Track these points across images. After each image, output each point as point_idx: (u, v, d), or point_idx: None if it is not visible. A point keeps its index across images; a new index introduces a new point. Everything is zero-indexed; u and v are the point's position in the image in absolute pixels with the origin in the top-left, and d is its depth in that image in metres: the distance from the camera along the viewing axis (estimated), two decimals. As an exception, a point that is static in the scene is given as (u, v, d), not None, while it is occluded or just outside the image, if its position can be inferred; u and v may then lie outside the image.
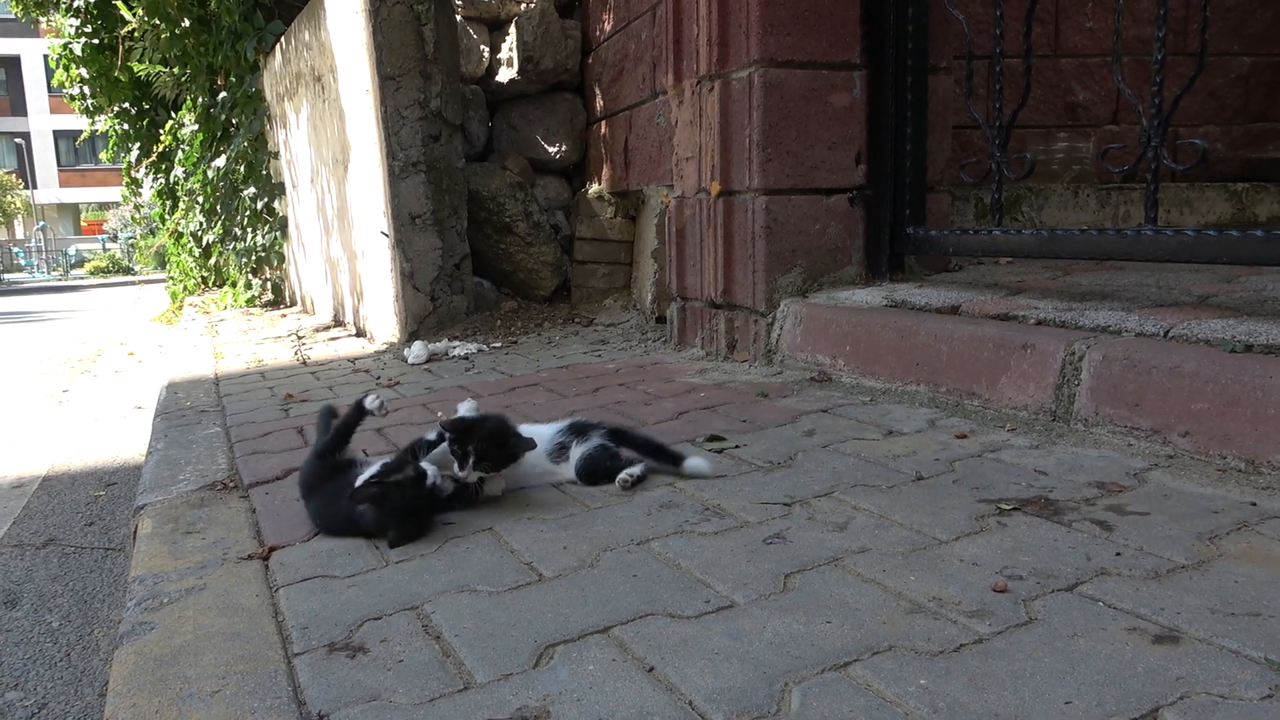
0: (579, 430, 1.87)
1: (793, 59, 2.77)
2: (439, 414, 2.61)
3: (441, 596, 1.34)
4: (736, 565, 1.38)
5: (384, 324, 4.44)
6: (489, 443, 1.65)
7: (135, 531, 1.83)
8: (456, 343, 3.93)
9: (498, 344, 3.91)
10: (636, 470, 1.80)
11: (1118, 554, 1.34)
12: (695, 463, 1.82)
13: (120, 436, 4.00)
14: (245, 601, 1.39)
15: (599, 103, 4.74)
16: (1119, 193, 4.16)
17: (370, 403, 1.75)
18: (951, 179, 3.04)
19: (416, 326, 4.20)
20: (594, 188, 4.74)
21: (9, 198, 39.88)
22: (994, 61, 2.45)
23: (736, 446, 2.03)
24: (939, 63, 2.89)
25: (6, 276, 30.94)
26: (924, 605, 1.21)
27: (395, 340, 4.26)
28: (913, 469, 1.78)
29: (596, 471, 1.81)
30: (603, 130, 4.71)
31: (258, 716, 1.06)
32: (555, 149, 4.91)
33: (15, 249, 37.73)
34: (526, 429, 1.82)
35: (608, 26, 4.56)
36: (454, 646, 1.18)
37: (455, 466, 1.65)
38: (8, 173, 40.28)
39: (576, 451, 1.83)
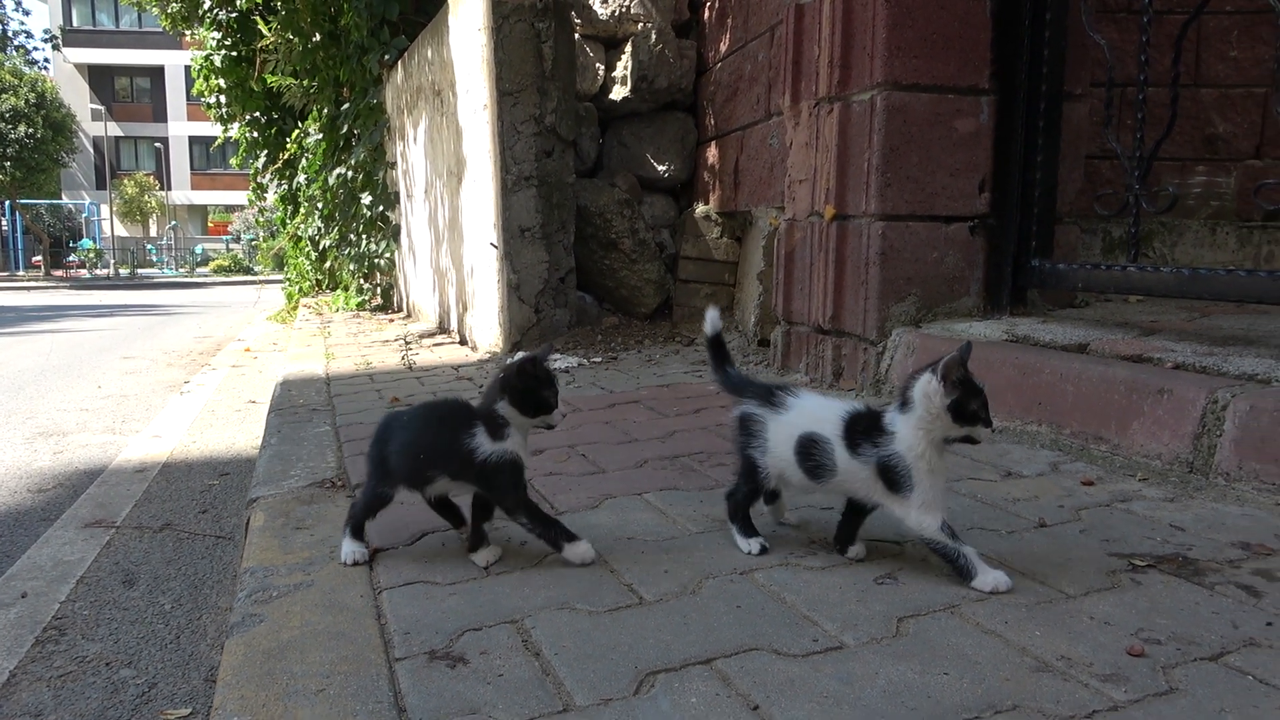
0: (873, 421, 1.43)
1: (918, 82, 2.69)
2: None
3: (541, 612, 1.32)
4: (845, 604, 1.32)
5: (488, 333, 4.51)
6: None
7: (248, 524, 1.88)
8: (558, 356, 3.95)
9: (598, 359, 3.92)
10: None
11: (1268, 624, 1.23)
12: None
13: (234, 428, 4.17)
14: (350, 601, 1.40)
15: (710, 122, 4.73)
16: (1261, 231, 3.91)
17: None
18: (1082, 210, 2.90)
19: (520, 337, 4.25)
20: (701, 207, 4.72)
21: (146, 198, 42.52)
22: (1139, 89, 2.33)
23: (844, 478, 1.96)
24: (1074, 89, 2.76)
25: (140, 271, 32.88)
26: (1051, 664, 1.13)
27: (498, 350, 4.32)
28: (1035, 515, 1.68)
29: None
30: (713, 150, 4.69)
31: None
32: (664, 167, 4.92)
33: (149, 246, 40.10)
34: (809, 399, 1.50)
35: (724, 47, 4.55)
36: (553, 665, 1.16)
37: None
38: (146, 174, 42.98)
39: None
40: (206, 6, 9.37)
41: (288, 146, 9.15)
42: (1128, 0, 3.86)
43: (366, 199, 7.17)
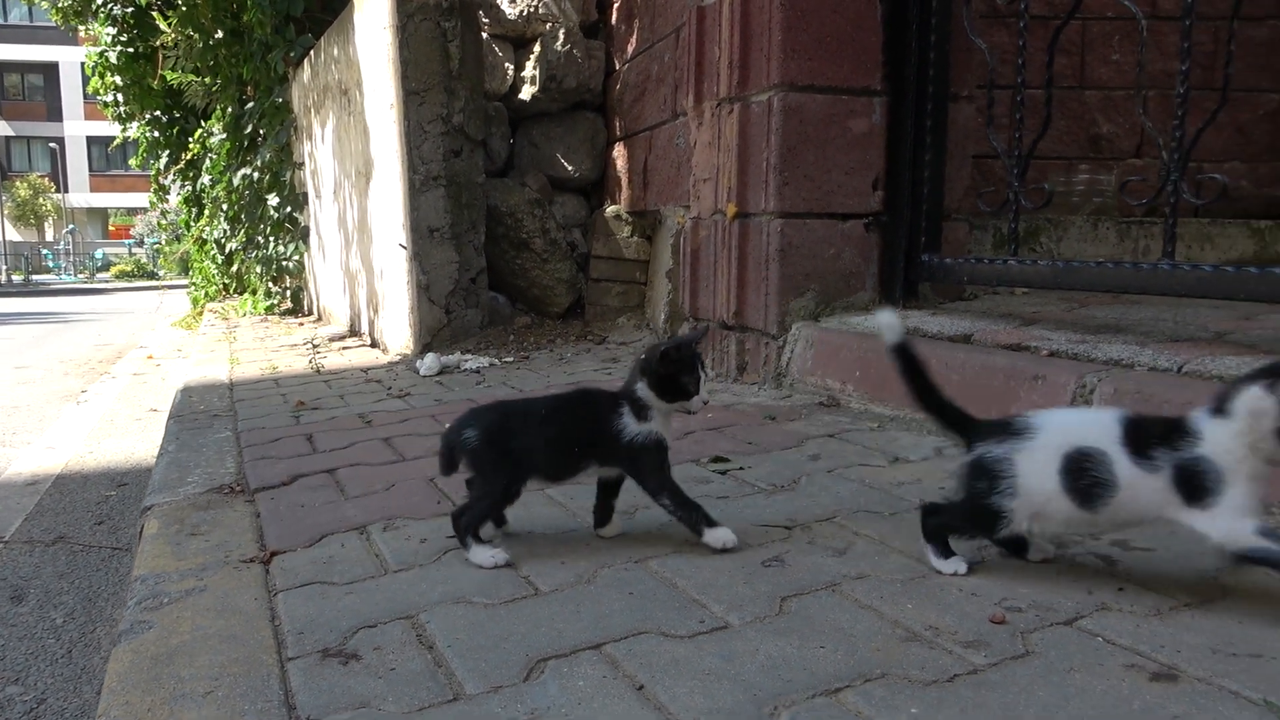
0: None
1: (813, 84, 2.78)
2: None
3: (437, 607, 1.34)
4: (733, 587, 1.37)
5: (398, 335, 4.46)
6: None
7: (141, 531, 1.84)
8: (469, 356, 3.95)
9: (510, 359, 3.93)
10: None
11: (1120, 589, 1.32)
12: None
13: (134, 438, 4.04)
14: (243, 604, 1.40)
15: (620, 123, 4.78)
16: (1139, 226, 4.13)
17: None
18: (970, 208, 3.03)
19: (430, 339, 4.22)
20: (612, 207, 4.76)
21: (41, 200, 40.55)
22: (1015, 91, 2.45)
23: (741, 468, 2.02)
24: (960, 91, 2.88)
25: (35, 278, 31.38)
26: (920, 634, 1.20)
27: (409, 352, 4.28)
28: (917, 496, 1.77)
29: None
30: (622, 150, 4.74)
31: (247, 719, 1.06)
32: (575, 167, 4.95)
33: (45, 251, 38.27)
34: (1058, 414, 1.37)
35: (631, 48, 4.60)
36: (446, 657, 1.18)
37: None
38: (41, 176, 40.99)
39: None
40: (100, 1, 9.02)
41: (190, 147, 8.87)
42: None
43: (273, 200, 7.00)
